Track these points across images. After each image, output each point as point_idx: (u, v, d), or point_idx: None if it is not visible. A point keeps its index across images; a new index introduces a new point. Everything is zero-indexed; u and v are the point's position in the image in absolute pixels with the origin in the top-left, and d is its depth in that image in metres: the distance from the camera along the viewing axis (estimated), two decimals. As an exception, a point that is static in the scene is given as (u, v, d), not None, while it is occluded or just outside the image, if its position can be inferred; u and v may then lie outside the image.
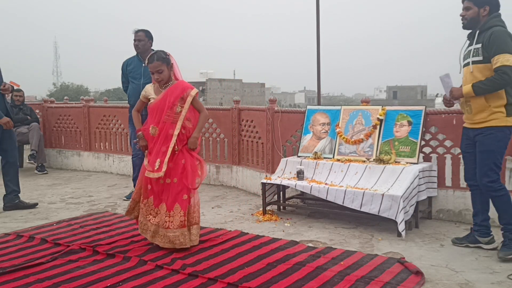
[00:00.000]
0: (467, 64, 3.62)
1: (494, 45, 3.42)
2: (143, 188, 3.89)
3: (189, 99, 3.82)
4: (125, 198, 5.77)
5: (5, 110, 5.25)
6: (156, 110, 3.84)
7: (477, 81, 3.50)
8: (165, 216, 3.75)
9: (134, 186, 5.86)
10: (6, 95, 5.83)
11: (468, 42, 3.71)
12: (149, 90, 3.98)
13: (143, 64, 5.61)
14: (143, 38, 5.57)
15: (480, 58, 3.50)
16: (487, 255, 3.65)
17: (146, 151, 3.90)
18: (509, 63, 3.36)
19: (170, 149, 3.76)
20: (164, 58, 3.82)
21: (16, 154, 5.51)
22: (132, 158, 5.83)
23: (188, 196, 3.79)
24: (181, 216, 3.74)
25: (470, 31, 3.68)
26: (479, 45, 3.52)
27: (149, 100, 3.95)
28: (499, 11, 3.59)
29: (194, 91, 3.87)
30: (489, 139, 3.56)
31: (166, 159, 3.73)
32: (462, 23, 3.69)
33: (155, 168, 3.74)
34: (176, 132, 3.78)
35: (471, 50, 3.59)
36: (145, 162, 3.87)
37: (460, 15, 3.69)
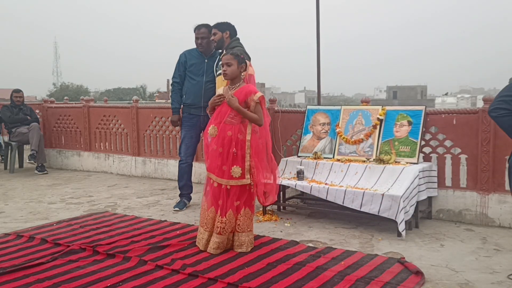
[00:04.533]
0: (219, 74, 4.55)
1: None
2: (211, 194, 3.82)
3: (252, 105, 3.72)
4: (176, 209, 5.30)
5: None
6: (219, 112, 3.80)
7: None
8: (218, 222, 3.73)
9: (180, 191, 5.40)
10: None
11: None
12: (219, 90, 3.98)
13: (206, 60, 5.26)
14: (206, 35, 5.15)
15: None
16: (487, 255, 3.66)
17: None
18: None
19: (248, 156, 3.72)
20: (237, 55, 3.78)
21: None
22: (180, 164, 5.37)
23: (241, 202, 3.77)
24: (233, 222, 3.75)
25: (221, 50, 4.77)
26: None
27: None
28: (237, 36, 4.79)
29: (257, 96, 3.73)
30: None
31: (248, 166, 3.71)
32: (214, 45, 4.89)
33: (236, 176, 3.69)
34: (248, 137, 3.73)
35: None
36: (207, 166, 3.84)
37: (211, 39, 4.84)
